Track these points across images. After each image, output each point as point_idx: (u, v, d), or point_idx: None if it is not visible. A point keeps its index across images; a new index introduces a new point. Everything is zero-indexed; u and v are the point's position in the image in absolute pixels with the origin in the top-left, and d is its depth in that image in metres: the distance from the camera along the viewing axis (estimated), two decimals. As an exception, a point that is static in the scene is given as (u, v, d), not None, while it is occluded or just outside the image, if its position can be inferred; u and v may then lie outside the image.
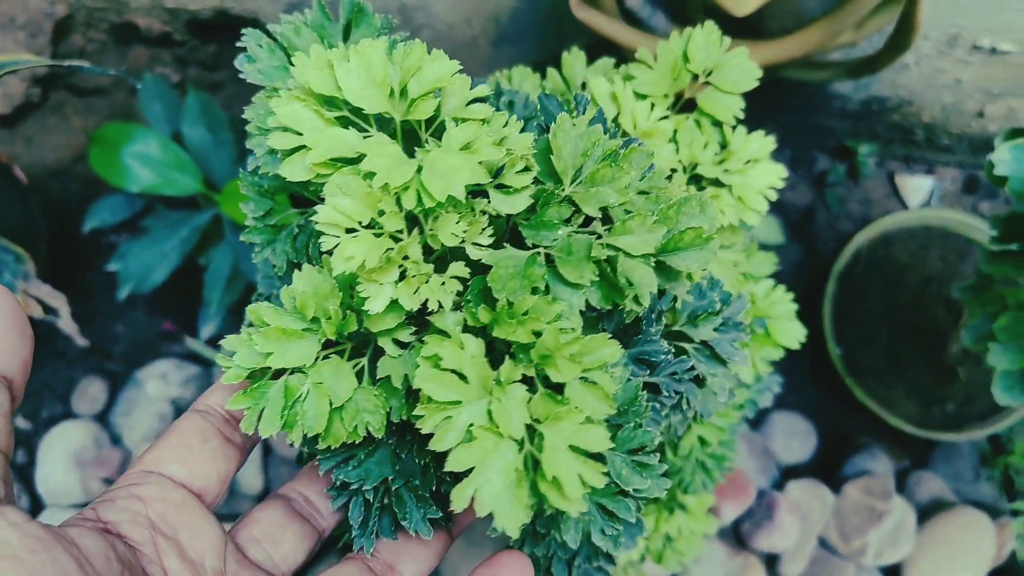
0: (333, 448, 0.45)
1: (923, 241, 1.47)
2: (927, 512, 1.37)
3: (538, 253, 0.42)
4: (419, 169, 0.37)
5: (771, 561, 1.35)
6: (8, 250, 1.13)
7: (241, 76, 0.51)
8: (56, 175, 1.45)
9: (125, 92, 1.50)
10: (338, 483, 0.48)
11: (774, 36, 1.24)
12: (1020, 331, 0.95)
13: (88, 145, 1.16)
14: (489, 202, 0.41)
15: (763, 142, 0.65)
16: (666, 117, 0.63)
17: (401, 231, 0.39)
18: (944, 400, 1.41)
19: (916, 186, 1.59)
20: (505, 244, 0.42)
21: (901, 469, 1.45)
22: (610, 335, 0.39)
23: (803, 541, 1.32)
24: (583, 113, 0.50)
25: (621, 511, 0.44)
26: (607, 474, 0.42)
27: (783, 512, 1.29)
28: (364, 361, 0.43)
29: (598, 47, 1.19)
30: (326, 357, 0.42)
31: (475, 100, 0.41)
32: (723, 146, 0.65)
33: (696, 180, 0.65)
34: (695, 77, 0.63)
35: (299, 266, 0.45)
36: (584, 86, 0.69)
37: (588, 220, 0.43)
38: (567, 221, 0.42)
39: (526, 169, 0.41)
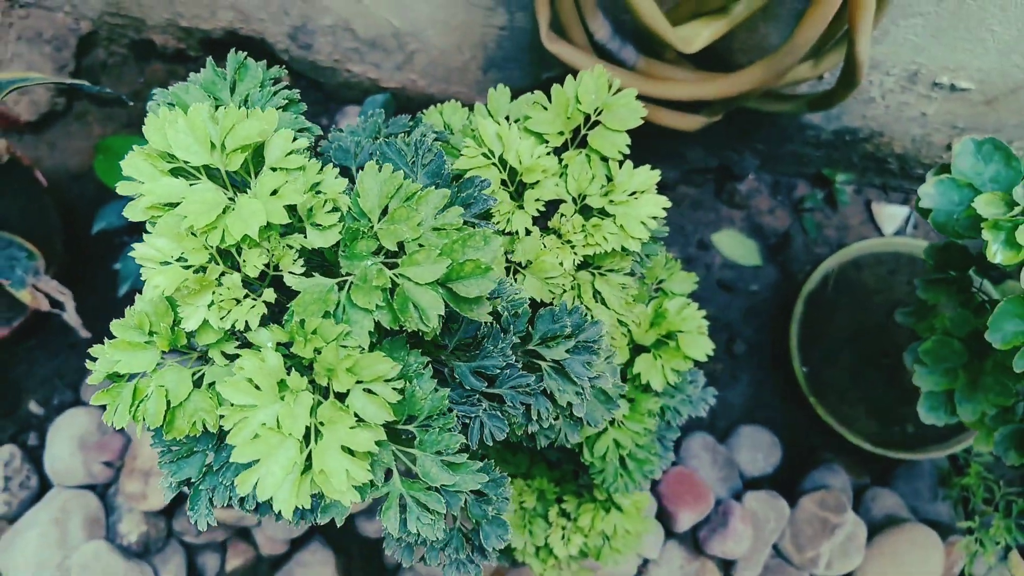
0: (173, 449, 0.55)
1: (892, 267, 1.52)
2: (880, 527, 1.42)
3: (341, 284, 0.50)
4: (225, 211, 0.46)
5: (727, 566, 1.41)
6: (22, 247, 1.24)
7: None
8: (75, 179, 1.57)
9: (142, 104, 1.60)
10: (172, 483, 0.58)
11: (741, 69, 1.31)
12: (943, 354, 1.01)
13: (94, 154, 1.26)
14: (306, 236, 0.49)
15: (648, 175, 0.72)
16: (550, 153, 0.71)
17: (207, 264, 0.48)
18: (904, 420, 1.47)
19: (892, 214, 1.64)
20: (315, 274, 0.51)
21: (860, 485, 1.50)
22: (450, 349, 0.47)
23: (757, 549, 1.38)
24: (422, 156, 0.59)
25: (432, 503, 0.52)
26: (415, 471, 0.51)
27: (737, 520, 1.36)
28: (205, 369, 0.53)
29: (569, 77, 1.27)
30: (169, 365, 0.52)
31: (293, 152, 0.50)
32: (611, 179, 0.73)
33: (586, 210, 0.73)
34: (588, 116, 0.71)
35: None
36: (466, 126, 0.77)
37: (395, 253, 0.51)
38: (376, 253, 0.50)
39: (335, 209, 0.50)
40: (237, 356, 0.51)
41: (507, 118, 0.77)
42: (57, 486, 1.42)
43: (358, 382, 0.46)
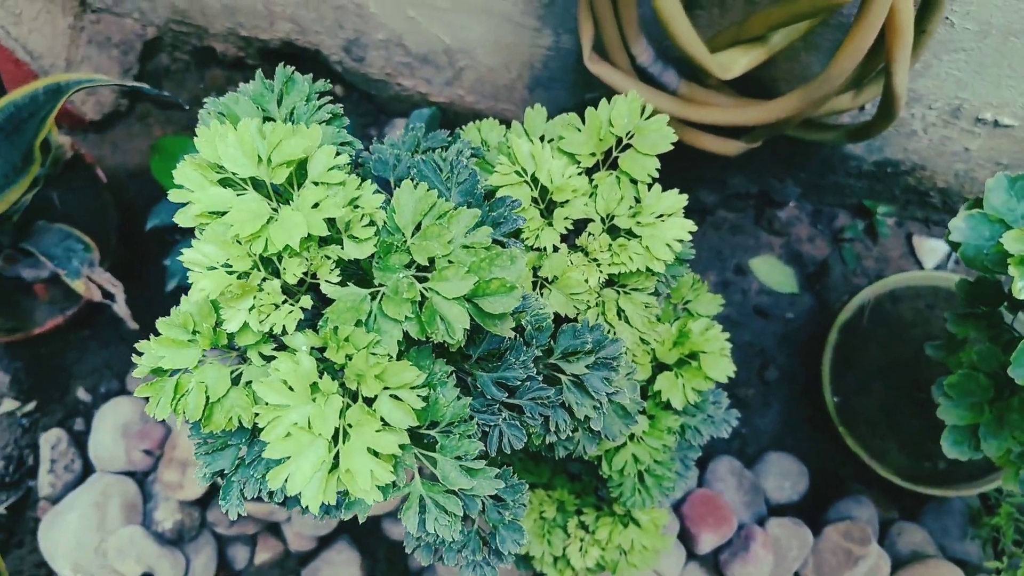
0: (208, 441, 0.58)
1: (930, 301, 1.52)
2: (904, 562, 1.41)
3: (374, 293, 0.53)
4: (269, 221, 0.50)
5: (748, 592, 1.41)
6: (79, 240, 1.30)
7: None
8: (134, 177, 1.63)
9: (177, 100, 1.67)
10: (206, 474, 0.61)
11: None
12: (969, 389, 1.01)
13: (150, 154, 1.32)
14: (343, 248, 0.53)
15: (676, 199, 0.74)
16: (581, 173, 0.74)
17: (250, 270, 0.52)
18: (935, 456, 1.45)
19: (933, 248, 1.63)
20: (349, 283, 0.54)
21: (887, 519, 1.49)
22: (474, 360, 0.50)
23: (778, 575, 1.38)
24: (457, 175, 0.62)
25: (450, 505, 0.55)
26: (436, 475, 0.54)
27: (759, 545, 1.36)
28: (244, 368, 0.56)
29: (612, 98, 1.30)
30: (210, 362, 0.55)
31: (334, 167, 0.53)
32: (639, 201, 0.75)
33: (613, 231, 0.75)
34: (620, 139, 0.74)
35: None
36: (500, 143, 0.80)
37: (426, 267, 0.54)
38: (407, 266, 0.53)
39: (371, 223, 0.53)
40: (273, 357, 0.55)
41: (542, 137, 0.80)
42: (99, 471, 1.48)
43: (385, 388, 0.50)
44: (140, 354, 0.55)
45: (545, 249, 0.74)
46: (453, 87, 1.56)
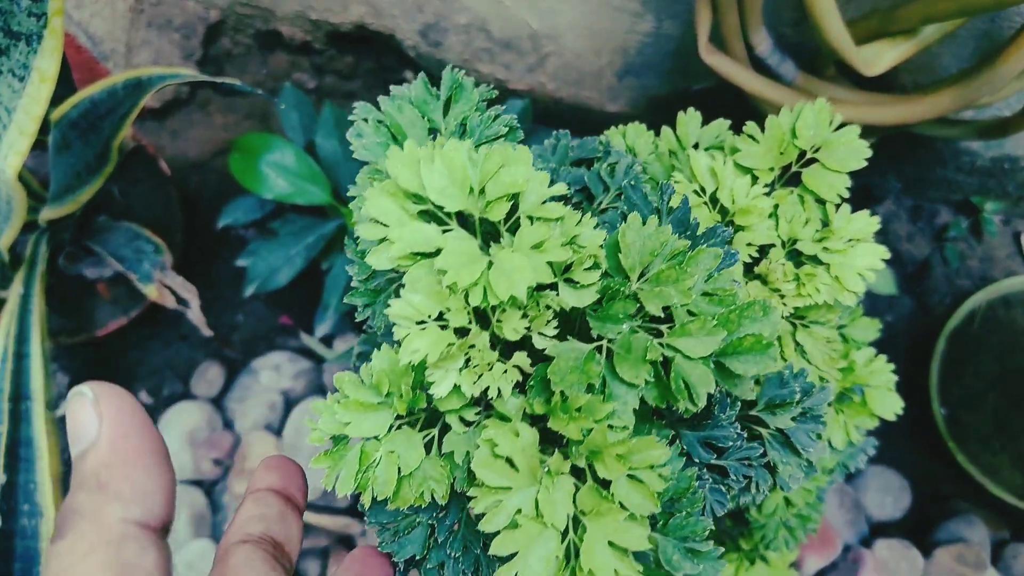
0: (389, 526, 0.49)
1: (1046, 307, 1.42)
2: (1022, 588, 1.33)
3: (598, 349, 0.44)
4: (488, 265, 0.41)
5: (852, 618, 1.33)
6: (149, 241, 1.22)
7: (352, 117, 0.54)
8: (196, 168, 1.55)
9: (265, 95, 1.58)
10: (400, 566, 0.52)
11: (906, 90, 1.23)
12: None
13: (229, 150, 1.23)
14: (558, 294, 0.43)
15: (867, 222, 0.65)
16: (767, 193, 0.64)
17: (467, 325, 0.42)
18: (1052, 474, 1.36)
19: (1043, 248, 1.53)
20: (569, 337, 0.45)
21: (999, 540, 1.40)
22: (670, 425, 0.41)
23: (887, 602, 1.30)
24: (667, 202, 0.52)
25: None
26: (659, 561, 0.44)
27: (869, 570, 1.27)
28: (434, 432, 0.47)
29: (722, 89, 1.20)
30: (399, 428, 0.46)
31: (552, 198, 0.43)
32: (825, 223, 0.66)
33: (795, 255, 0.66)
34: (802, 153, 0.64)
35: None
36: (688, 154, 0.70)
37: (655, 317, 0.45)
38: (632, 316, 0.44)
39: (595, 266, 0.44)
40: (472, 423, 0.46)
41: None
42: (164, 479, 1.41)
43: (630, 469, 0.41)
44: (315, 417, 0.46)
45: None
46: (535, 74, 1.46)
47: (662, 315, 0.44)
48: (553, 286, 0.44)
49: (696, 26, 1.10)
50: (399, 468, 0.44)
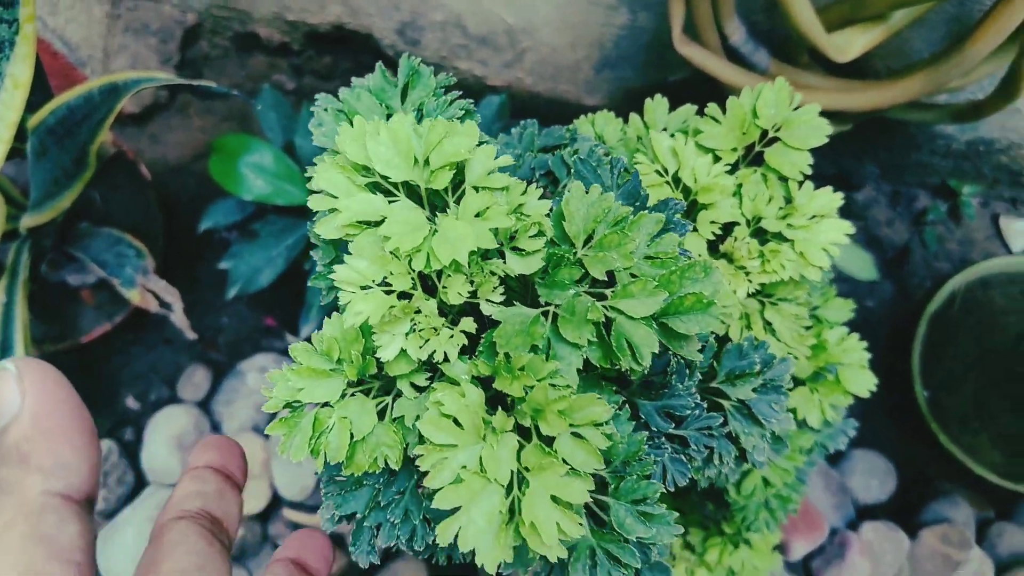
0: (338, 480, 0.50)
1: None
2: (1007, 566, 1.34)
3: (544, 313, 0.45)
4: (432, 232, 0.42)
5: (840, 600, 1.34)
6: (130, 245, 1.22)
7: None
8: (175, 171, 1.55)
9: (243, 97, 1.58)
10: (334, 516, 0.53)
11: (879, 76, 1.24)
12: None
13: (208, 153, 1.24)
14: (505, 262, 0.44)
15: (830, 198, 0.65)
16: (730, 171, 0.65)
17: (411, 290, 0.43)
18: (1033, 452, 1.38)
19: (1021, 230, 1.54)
20: (515, 303, 0.45)
21: (983, 519, 1.42)
22: (636, 386, 0.42)
23: (874, 583, 1.31)
24: (616, 176, 0.53)
25: (625, 556, 0.47)
26: (610, 523, 0.45)
27: (855, 552, 1.29)
28: (388, 400, 0.48)
29: (697, 80, 1.21)
30: (353, 395, 0.47)
31: (500, 169, 0.45)
32: (788, 201, 0.66)
33: (760, 233, 0.67)
34: (764, 132, 0.65)
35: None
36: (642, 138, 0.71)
37: (601, 282, 0.46)
38: (578, 282, 0.45)
39: (539, 234, 0.45)
40: (425, 389, 0.47)
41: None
42: (153, 483, 1.41)
43: (570, 426, 0.41)
44: (271, 385, 0.47)
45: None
46: (512, 69, 1.46)
47: (606, 279, 0.45)
48: (501, 254, 0.45)
49: (670, 17, 1.10)
50: (351, 434, 0.45)
